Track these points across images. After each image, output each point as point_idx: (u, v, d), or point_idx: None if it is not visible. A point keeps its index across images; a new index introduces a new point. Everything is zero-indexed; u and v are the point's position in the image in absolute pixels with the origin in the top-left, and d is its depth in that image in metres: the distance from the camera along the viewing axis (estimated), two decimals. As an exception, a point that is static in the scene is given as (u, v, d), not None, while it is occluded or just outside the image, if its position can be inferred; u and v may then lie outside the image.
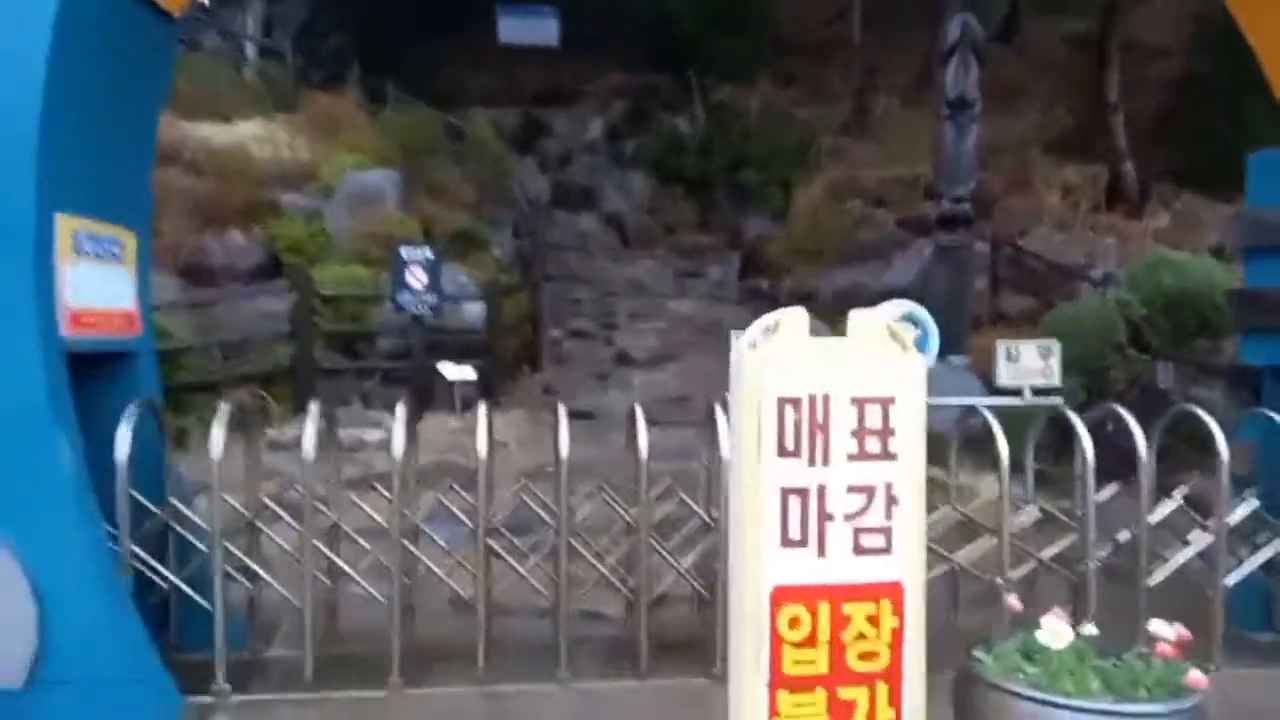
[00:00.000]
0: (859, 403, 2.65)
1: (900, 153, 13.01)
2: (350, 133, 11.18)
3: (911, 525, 2.70)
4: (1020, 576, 4.21)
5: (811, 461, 2.63)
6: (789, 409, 2.63)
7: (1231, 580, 4.20)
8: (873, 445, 2.66)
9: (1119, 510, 4.52)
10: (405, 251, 8.31)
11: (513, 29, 17.63)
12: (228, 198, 9.44)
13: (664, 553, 4.23)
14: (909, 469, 2.69)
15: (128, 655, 3.59)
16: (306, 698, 3.85)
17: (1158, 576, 4.20)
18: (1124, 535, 4.35)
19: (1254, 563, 4.23)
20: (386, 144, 11.31)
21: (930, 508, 4.36)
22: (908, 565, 2.69)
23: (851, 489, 2.65)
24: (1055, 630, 2.46)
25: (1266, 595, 4.61)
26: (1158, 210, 10.76)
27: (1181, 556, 4.22)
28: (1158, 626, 2.54)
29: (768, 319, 2.73)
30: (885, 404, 2.67)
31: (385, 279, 9.06)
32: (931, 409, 2.77)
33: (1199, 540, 4.25)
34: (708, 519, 4.28)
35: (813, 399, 2.64)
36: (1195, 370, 7.04)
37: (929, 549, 4.19)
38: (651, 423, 4.25)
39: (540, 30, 17.87)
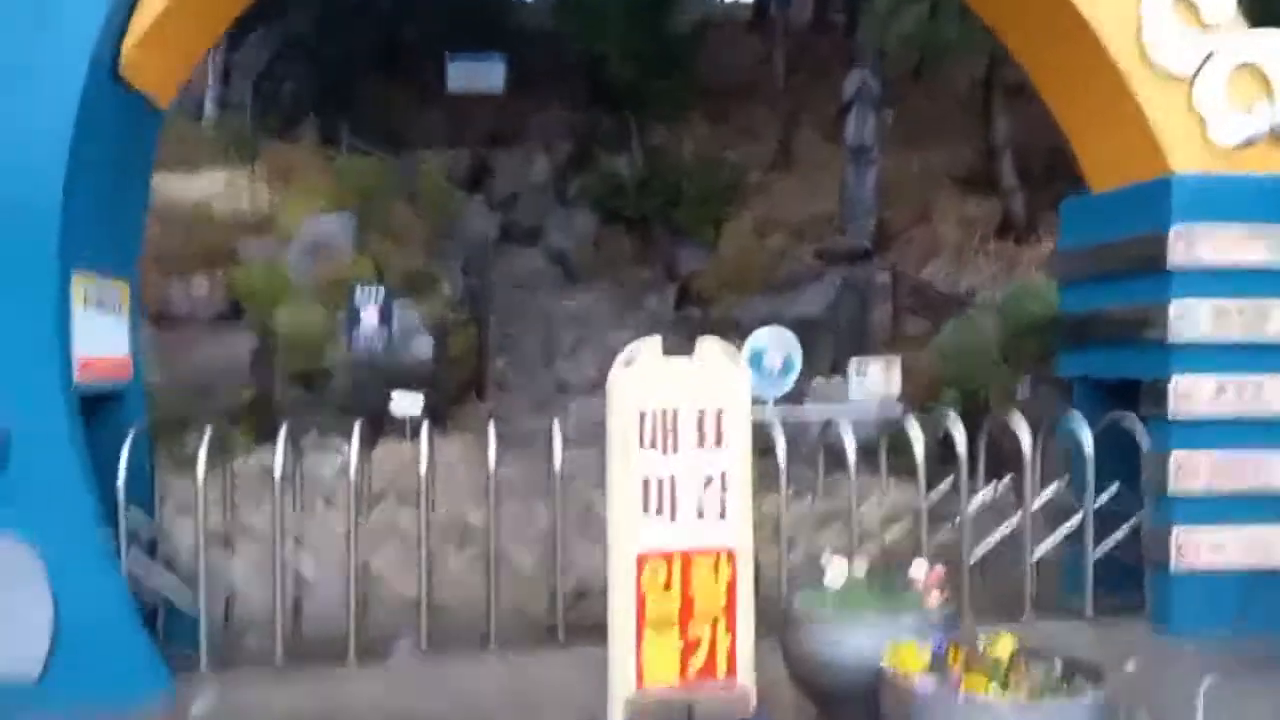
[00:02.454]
0: (700, 408, 3.56)
1: (821, 188, 14.13)
2: (306, 179, 11.96)
3: (740, 500, 3.60)
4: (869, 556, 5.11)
5: (665, 453, 3.53)
6: (648, 415, 3.53)
7: (1037, 554, 5.15)
8: (710, 439, 3.57)
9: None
10: (359, 294, 9.13)
11: (460, 77, 18.48)
12: (191, 247, 10.17)
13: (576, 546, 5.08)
14: (738, 458, 3.60)
15: (128, 642, 4.33)
16: (277, 674, 4.61)
17: (979, 551, 5.13)
18: (959, 519, 5.29)
19: (1055, 539, 5.18)
20: (341, 189, 12.11)
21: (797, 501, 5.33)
22: (739, 530, 3.59)
23: (695, 474, 3.56)
24: (836, 568, 3.37)
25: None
26: (1045, 239, 11.94)
27: (998, 534, 5.16)
28: (918, 567, 3.46)
29: (631, 347, 3.64)
30: (719, 409, 3.58)
31: (340, 318, 9.86)
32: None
33: (1014, 521, 5.21)
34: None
35: (665, 407, 3.55)
36: (1055, 383, 8.09)
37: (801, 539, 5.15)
38: (587, 444, 5.02)
39: (487, 76, 18.78)
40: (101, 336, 4.66)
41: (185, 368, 9.35)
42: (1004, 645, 2.87)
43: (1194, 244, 4.95)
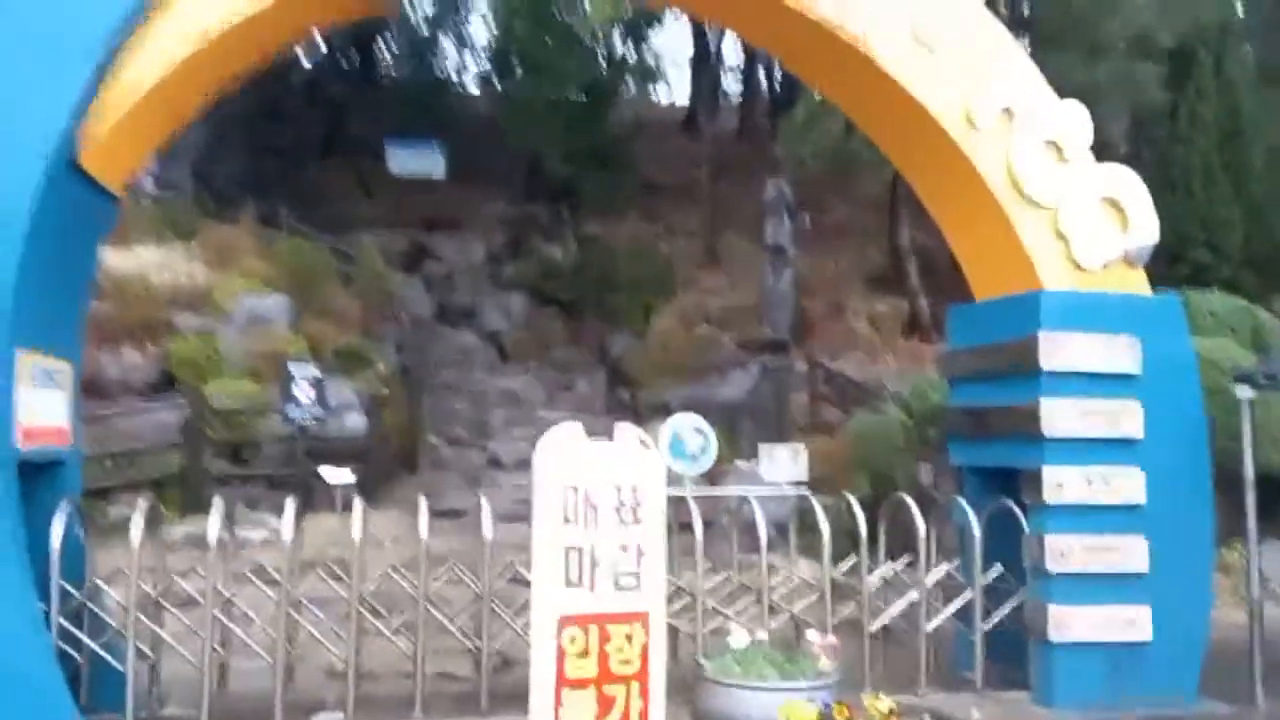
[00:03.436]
0: (617, 487, 3.93)
1: (744, 282, 14.92)
2: (244, 260, 12.17)
3: (654, 571, 3.94)
4: (777, 627, 5.48)
5: (585, 527, 3.86)
6: (570, 491, 3.88)
7: (929, 628, 5.59)
8: (627, 516, 3.92)
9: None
10: (294, 369, 9.32)
11: (401, 161, 19.10)
12: (125, 318, 10.23)
13: (503, 614, 5.32)
14: (652, 532, 3.96)
15: (51, 706, 4.39)
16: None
17: (877, 624, 5.55)
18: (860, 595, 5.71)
19: (943, 615, 5.64)
20: (278, 270, 12.34)
21: (714, 575, 5.68)
22: (653, 598, 3.92)
23: (612, 546, 3.90)
24: (738, 635, 3.73)
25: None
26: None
27: (894, 609, 5.60)
28: (813, 635, 3.85)
29: (557, 430, 4.01)
30: (635, 488, 3.95)
31: (274, 392, 9.99)
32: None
33: (910, 596, 5.65)
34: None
35: (586, 485, 3.90)
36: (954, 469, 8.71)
37: (716, 610, 5.48)
38: (516, 519, 5.30)
39: (427, 163, 19.42)
40: (43, 409, 4.84)
41: (114, 436, 9.31)
42: (882, 704, 3.26)
43: (1059, 350, 5.61)
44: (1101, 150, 6.08)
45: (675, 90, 27.06)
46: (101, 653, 4.82)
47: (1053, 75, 6.07)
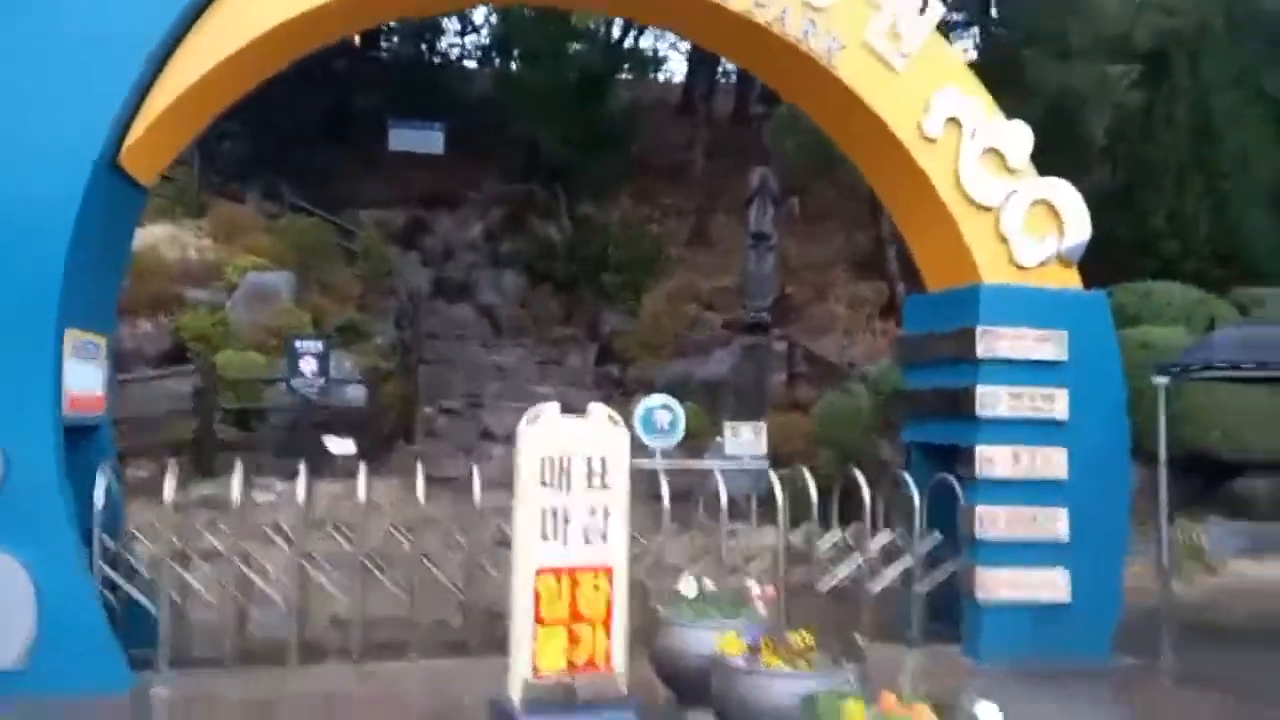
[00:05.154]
0: (588, 457, 4.56)
1: (731, 264, 15.49)
2: (250, 236, 12.72)
3: (619, 529, 4.58)
4: (734, 584, 6.13)
5: (559, 490, 4.50)
6: (546, 460, 4.51)
7: (878, 588, 6.24)
8: (595, 481, 4.56)
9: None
10: (299, 343, 9.93)
11: (402, 139, 19.59)
12: (140, 292, 10.81)
13: (490, 570, 5.98)
14: (617, 495, 4.59)
15: (97, 641, 5.05)
16: (226, 673, 5.36)
17: (826, 585, 6.21)
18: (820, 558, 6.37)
19: (887, 576, 6.29)
20: (282, 247, 12.90)
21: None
22: (617, 553, 4.57)
23: (583, 507, 4.53)
24: (689, 584, 4.38)
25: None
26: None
27: (840, 570, 6.25)
28: (750, 584, 4.49)
29: (536, 408, 4.62)
30: (604, 458, 4.58)
31: (280, 364, 10.60)
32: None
33: (855, 559, 6.31)
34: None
35: (561, 454, 4.53)
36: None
37: (679, 568, 6.13)
38: (505, 487, 5.88)
39: (427, 140, 19.93)
40: (84, 379, 5.46)
41: (129, 404, 9.92)
42: (802, 638, 3.91)
43: (995, 340, 6.24)
44: (1079, 146, 6.56)
45: (674, 68, 27.39)
46: (137, 596, 5.46)
47: (1031, 77, 6.52)
